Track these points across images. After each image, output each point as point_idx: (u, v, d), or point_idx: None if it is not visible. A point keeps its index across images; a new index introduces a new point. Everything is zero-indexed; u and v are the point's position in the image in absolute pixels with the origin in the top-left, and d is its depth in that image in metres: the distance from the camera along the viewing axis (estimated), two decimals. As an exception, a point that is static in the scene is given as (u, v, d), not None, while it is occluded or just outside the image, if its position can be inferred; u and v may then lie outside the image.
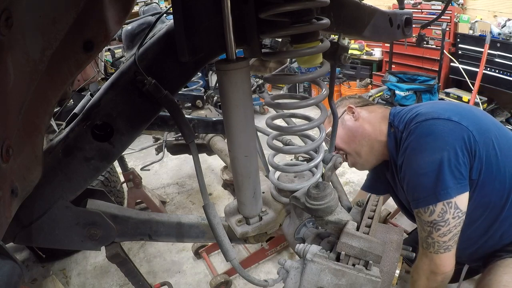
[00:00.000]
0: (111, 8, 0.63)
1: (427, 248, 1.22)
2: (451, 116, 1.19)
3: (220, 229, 0.85)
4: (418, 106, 1.37)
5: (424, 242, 1.23)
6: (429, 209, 1.16)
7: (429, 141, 1.17)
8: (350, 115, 1.49)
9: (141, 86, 0.76)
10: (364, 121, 1.46)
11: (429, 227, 1.18)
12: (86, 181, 0.87)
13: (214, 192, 3.20)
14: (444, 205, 1.14)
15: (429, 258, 1.23)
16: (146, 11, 1.69)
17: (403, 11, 1.34)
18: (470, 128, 1.16)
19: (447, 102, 1.42)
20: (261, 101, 4.37)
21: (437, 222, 1.16)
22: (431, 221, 1.17)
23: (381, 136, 1.42)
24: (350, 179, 3.30)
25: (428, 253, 1.22)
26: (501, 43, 3.83)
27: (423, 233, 1.23)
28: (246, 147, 0.85)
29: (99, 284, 2.26)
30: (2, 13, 0.45)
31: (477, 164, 1.16)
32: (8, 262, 0.64)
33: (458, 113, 1.21)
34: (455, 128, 1.16)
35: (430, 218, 1.17)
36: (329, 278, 0.75)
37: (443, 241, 1.18)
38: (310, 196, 0.84)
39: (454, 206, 1.14)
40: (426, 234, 1.21)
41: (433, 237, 1.18)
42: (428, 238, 1.21)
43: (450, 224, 1.15)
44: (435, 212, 1.15)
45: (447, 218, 1.15)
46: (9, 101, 0.52)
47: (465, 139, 1.14)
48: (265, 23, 0.74)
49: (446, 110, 1.22)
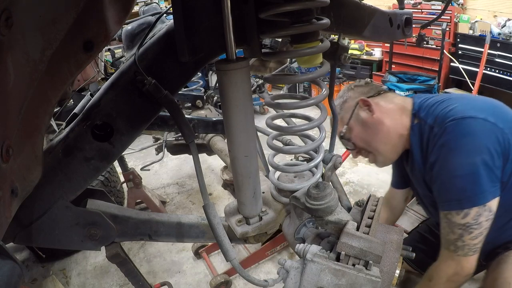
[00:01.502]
0: (111, 8, 0.63)
1: (455, 251, 1.18)
2: (487, 116, 1.13)
3: (220, 229, 0.85)
4: (449, 98, 1.27)
5: (452, 245, 1.18)
6: (463, 211, 1.12)
7: (467, 142, 1.11)
8: (365, 110, 1.35)
9: (141, 86, 0.76)
10: (383, 114, 1.33)
11: (460, 230, 1.14)
12: (86, 181, 0.87)
13: (214, 192, 3.20)
14: (479, 208, 1.11)
15: (456, 261, 1.19)
16: (146, 11, 1.69)
17: (403, 11, 1.34)
18: (505, 131, 1.13)
19: (480, 98, 1.31)
20: (261, 101, 4.37)
21: (470, 225, 1.13)
22: (463, 224, 1.13)
23: (402, 129, 1.32)
24: (350, 179, 3.30)
25: (456, 256, 1.18)
26: (501, 43, 3.84)
27: (451, 236, 1.18)
28: (246, 147, 0.85)
29: (99, 284, 2.26)
30: (2, 13, 0.45)
31: (509, 166, 1.14)
32: (8, 262, 0.64)
33: (493, 113, 1.16)
34: (492, 130, 1.12)
35: (463, 221, 1.13)
36: (329, 278, 0.75)
37: (473, 244, 1.15)
38: (310, 196, 0.84)
39: (488, 209, 1.12)
40: (456, 237, 1.16)
41: (464, 240, 1.15)
42: (458, 241, 1.16)
43: (482, 227, 1.13)
44: (469, 215, 1.12)
45: (480, 221, 1.12)
46: (9, 101, 0.52)
47: (500, 141, 1.11)
48: (265, 23, 0.74)
49: (482, 110, 1.17)
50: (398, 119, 1.33)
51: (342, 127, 1.40)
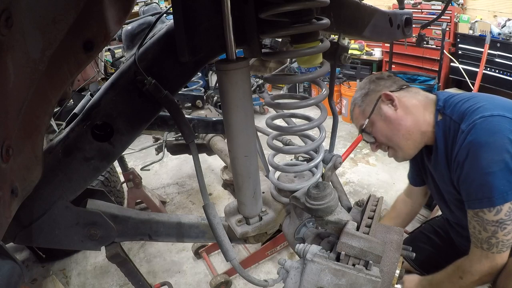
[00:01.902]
0: (111, 8, 0.63)
1: (489, 249, 1.17)
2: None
3: (220, 229, 0.85)
4: (475, 97, 1.27)
5: (486, 243, 1.18)
6: (495, 208, 1.12)
7: (497, 139, 1.11)
8: (388, 104, 1.34)
9: (141, 86, 0.76)
10: (407, 110, 1.32)
11: (494, 227, 1.14)
12: (86, 181, 0.87)
13: (214, 192, 3.20)
14: (511, 204, 1.11)
15: (490, 259, 1.18)
16: (146, 11, 1.69)
17: (403, 11, 1.34)
18: None
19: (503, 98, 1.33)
20: (261, 101, 4.36)
21: (503, 221, 1.13)
22: (496, 220, 1.13)
23: (426, 126, 1.32)
24: (350, 179, 3.31)
25: (490, 254, 1.18)
26: (501, 43, 3.84)
27: (484, 234, 1.17)
28: (246, 147, 0.85)
29: (99, 284, 2.26)
30: (2, 13, 0.45)
31: None
32: (8, 262, 0.65)
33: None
34: None
35: (496, 217, 1.13)
36: (329, 278, 0.75)
37: (507, 239, 1.15)
38: (310, 196, 0.84)
39: None
40: (490, 234, 1.16)
41: (498, 236, 1.15)
42: (491, 238, 1.16)
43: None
44: (501, 211, 1.12)
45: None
46: (9, 101, 0.52)
47: None
48: (265, 23, 0.74)
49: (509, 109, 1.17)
50: (421, 115, 1.32)
51: (363, 120, 1.39)
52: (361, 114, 1.40)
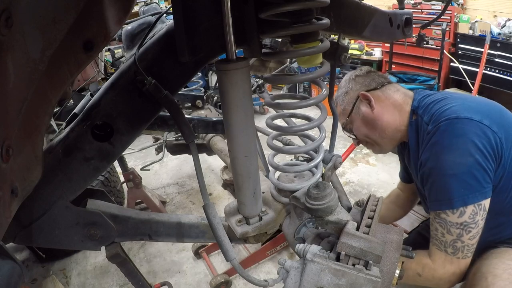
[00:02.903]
0: (111, 8, 0.63)
1: (454, 254, 1.15)
2: (482, 119, 1.13)
3: (220, 229, 0.85)
4: (447, 98, 1.27)
5: (450, 247, 1.15)
6: (459, 210, 1.11)
7: (460, 142, 1.11)
8: (365, 104, 1.39)
9: (141, 86, 0.76)
10: (383, 110, 1.37)
11: (458, 229, 1.12)
12: (86, 181, 0.87)
13: (214, 192, 3.20)
14: (475, 207, 1.10)
15: (455, 265, 1.15)
16: (146, 11, 1.69)
17: (403, 11, 1.34)
18: (499, 135, 1.12)
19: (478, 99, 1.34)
20: (261, 101, 4.36)
21: (468, 224, 1.11)
22: (461, 223, 1.12)
23: (400, 125, 1.36)
24: (350, 179, 3.31)
25: (455, 260, 1.15)
26: (501, 43, 3.84)
27: (448, 237, 1.14)
28: (246, 147, 0.85)
29: (99, 284, 2.26)
30: (2, 13, 0.45)
31: (500, 170, 1.13)
32: (8, 262, 0.65)
33: (488, 115, 1.15)
34: (485, 133, 1.11)
35: (460, 220, 1.11)
36: (329, 278, 0.75)
37: (472, 244, 1.13)
38: (310, 196, 0.84)
39: (483, 208, 1.11)
40: (454, 237, 1.13)
41: (463, 240, 1.12)
42: (456, 242, 1.13)
43: (478, 226, 1.12)
44: (465, 214, 1.10)
45: (477, 220, 1.11)
46: (9, 101, 0.52)
47: (493, 145, 1.11)
48: (265, 23, 0.74)
49: (478, 111, 1.16)
50: (397, 115, 1.37)
51: (344, 119, 1.47)
52: (342, 113, 1.48)
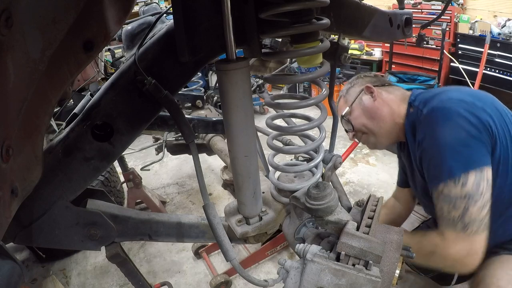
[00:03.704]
0: (111, 8, 0.63)
1: (464, 229, 1.06)
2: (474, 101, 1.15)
3: (220, 229, 0.85)
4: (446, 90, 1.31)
5: (459, 223, 1.07)
6: (460, 181, 1.05)
7: (454, 118, 1.11)
8: (368, 94, 1.45)
9: (141, 86, 0.76)
10: (383, 101, 1.42)
11: (463, 202, 1.05)
12: (86, 181, 0.87)
13: (214, 192, 3.20)
14: (476, 173, 1.04)
15: (468, 243, 1.07)
16: (146, 11, 1.69)
17: (403, 11, 1.34)
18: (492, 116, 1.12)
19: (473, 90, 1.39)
20: (261, 101, 4.36)
21: (472, 195, 1.04)
22: (465, 194, 1.05)
23: (399, 118, 1.39)
24: (350, 179, 3.31)
25: (466, 236, 1.07)
26: (501, 43, 3.84)
27: (454, 212, 1.07)
28: (246, 147, 0.85)
29: (99, 284, 2.26)
30: (2, 13, 0.45)
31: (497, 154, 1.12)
32: (8, 262, 0.65)
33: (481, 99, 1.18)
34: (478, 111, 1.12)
35: (464, 191, 1.05)
36: (329, 278, 0.75)
37: (482, 217, 1.05)
38: (310, 196, 0.84)
39: (486, 178, 1.05)
40: (461, 212, 1.06)
41: (471, 213, 1.05)
42: (464, 216, 1.06)
43: (485, 197, 1.05)
44: (467, 183, 1.04)
45: (482, 189, 1.04)
46: (9, 101, 0.52)
47: (484, 123, 1.10)
48: (265, 23, 0.74)
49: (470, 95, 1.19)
50: (396, 108, 1.41)
51: (345, 107, 1.50)
52: (344, 103, 1.52)
